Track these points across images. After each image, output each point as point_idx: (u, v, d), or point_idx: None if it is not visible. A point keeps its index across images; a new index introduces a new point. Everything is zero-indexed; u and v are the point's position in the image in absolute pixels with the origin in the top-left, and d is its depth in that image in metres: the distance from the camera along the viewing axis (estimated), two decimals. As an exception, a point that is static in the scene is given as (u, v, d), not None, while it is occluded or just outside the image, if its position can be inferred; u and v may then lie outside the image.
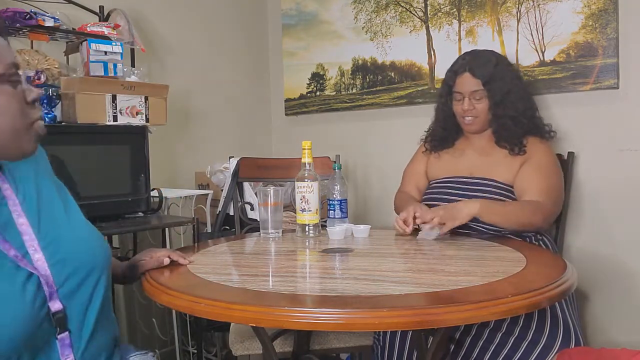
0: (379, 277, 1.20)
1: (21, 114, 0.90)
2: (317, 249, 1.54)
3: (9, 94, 0.89)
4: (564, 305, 1.56)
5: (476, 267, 1.26)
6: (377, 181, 2.64)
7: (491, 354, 1.48)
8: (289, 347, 1.67)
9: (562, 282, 1.11)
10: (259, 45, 3.06)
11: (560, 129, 2.03)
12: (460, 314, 0.95)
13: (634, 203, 1.94)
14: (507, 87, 1.80)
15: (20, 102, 0.91)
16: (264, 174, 2.34)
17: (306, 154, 1.70)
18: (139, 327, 2.36)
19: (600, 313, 2.03)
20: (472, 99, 1.82)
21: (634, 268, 1.95)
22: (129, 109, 1.98)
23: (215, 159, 2.54)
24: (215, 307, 1.02)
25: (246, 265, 1.41)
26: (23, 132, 0.91)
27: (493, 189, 1.76)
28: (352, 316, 0.95)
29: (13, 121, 0.89)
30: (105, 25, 2.08)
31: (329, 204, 1.79)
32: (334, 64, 2.75)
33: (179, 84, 2.50)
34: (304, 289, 1.19)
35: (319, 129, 2.84)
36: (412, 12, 2.47)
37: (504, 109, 1.80)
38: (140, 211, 2.00)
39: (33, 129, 0.93)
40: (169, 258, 1.32)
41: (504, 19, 2.18)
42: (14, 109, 0.89)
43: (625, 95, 1.94)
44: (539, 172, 1.75)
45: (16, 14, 1.83)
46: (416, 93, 2.47)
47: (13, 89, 0.90)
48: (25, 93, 0.92)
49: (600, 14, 1.95)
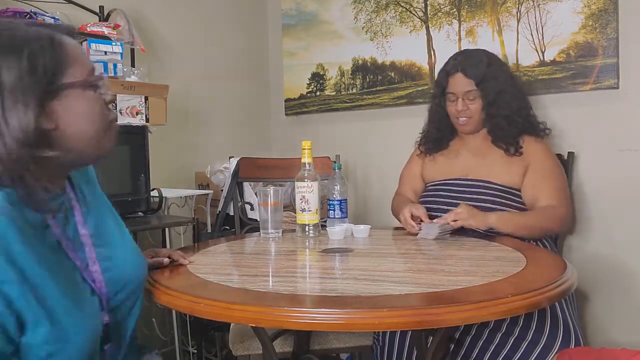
0: (379, 277, 1.20)
1: (102, 116, 0.93)
2: (317, 249, 1.54)
3: (91, 98, 0.91)
4: (564, 305, 1.56)
5: (476, 267, 1.26)
6: (377, 181, 2.64)
7: (491, 354, 1.48)
8: (289, 347, 1.67)
9: (562, 282, 1.11)
10: (259, 45, 3.06)
11: (561, 129, 2.03)
12: (460, 314, 0.95)
13: (634, 203, 1.94)
14: (500, 87, 1.80)
15: (101, 105, 0.93)
16: (264, 174, 2.34)
17: (306, 154, 1.70)
18: (139, 327, 2.35)
19: (600, 313, 2.03)
20: (466, 99, 1.82)
21: (634, 268, 1.95)
22: (129, 109, 1.98)
23: (215, 159, 2.54)
24: (215, 307, 1.02)
25: (246, 265, 1.41)
26: (103, 133, 0.94)
27: (489, 190, 1.76)
28: (352, 316, 0.95)
29: (96, 124, 0.92)
30: (105, 25, 2.09)
31: (329, 204, 1.79)
32: (334, 64, 2.75)
33: (179, 84, 2.50)
34: (304, 289, 1.19)
35: (319, 129, 2.84)
36: (412, 12, 2.47)
37: (497, 109, 1.80)
38: (140, 211, 2.00)
39: (111, 129, 0.96)
40: (169, 258, 1.32)
41: (504, 19, 2.18)
42: (96, 112, 0.92)
43: (625, 95, 1.94)
44: (545, 177, 1.76)
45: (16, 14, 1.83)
46: (416, 93, 2.47)
47: (94, 93, 0.92)
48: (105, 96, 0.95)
49: (600, 14, 1.95)
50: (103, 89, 0.94)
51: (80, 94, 0.89)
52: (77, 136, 0.89)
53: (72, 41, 0.92)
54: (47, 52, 0.86)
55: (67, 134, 0.88)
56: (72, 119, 0.88)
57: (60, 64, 0.87)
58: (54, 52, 0.87)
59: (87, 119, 0.90)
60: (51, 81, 0.85)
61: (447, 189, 1.83)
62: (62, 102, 0.87)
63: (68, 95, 0.88)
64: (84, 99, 0.90)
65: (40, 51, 0.85)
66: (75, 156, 0.92)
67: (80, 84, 0.89)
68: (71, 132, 0.88)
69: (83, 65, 0.91)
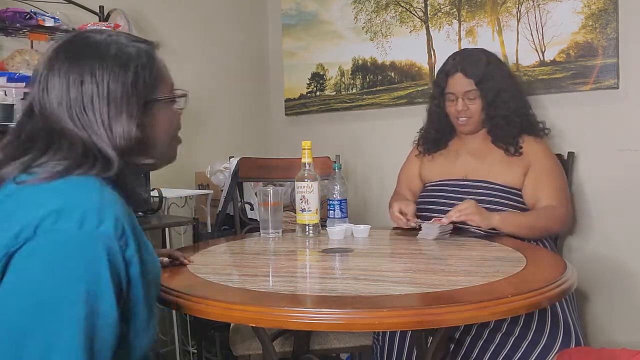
0: (379, 277, 1.20)
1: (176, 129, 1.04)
2: (317, 249, 1.54)
3: (172, 111, 1.01)
4: (565, 305, 1.56)
5: (476, 267, 1.26)
6: (377, 181, 2.64)
7: (491, 354, 1.48)
8: (289, 347, 1.67)
9: (562, 282, 1.11)
10: (259, 45, 3.06)
11: (560, 129, 2.03)
12: (460, 314, 0.95)
13: (634, 203, 1.94)
14: (499, 86, 1.80)
15: (178, 118, 1.04)
16: (264, 174, 2.34)
17: (306, 154, 1.70)
18: (139, 327, 2.35)
19: (600, 313, 2.03)
20: (466, 99, 1.81)
21: (634, 268, 1.95)
22: (129, 109, 1.98)
23: (215, 159, 2.54)
24: (215, 307, 1.02)
25: (246, 265, 1.41)
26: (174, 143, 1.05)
27: (489, 191, 1.75)
28: (352, 316, 0.95)
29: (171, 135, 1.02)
30: (105, 25, 2.09)
31: (329, 204, 1.79)
32: (334, 64, 2.75)
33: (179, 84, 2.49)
34: (304, 289, 1.19)
35: (319, 129, 2.84)
36: (412, 12, 2.47)
37: (496, 109, 1.80)
38: (140, 211, 2.00)
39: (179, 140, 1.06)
40: (168, 258, 1.33)
41: (504, 19, 2.18)
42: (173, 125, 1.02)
43: (625, 95, 1.94)
44: (545, 177, 1.76)
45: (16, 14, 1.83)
46: (416, 93, 2.47)
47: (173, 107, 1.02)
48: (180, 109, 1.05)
49: (600, 14, 1.95)
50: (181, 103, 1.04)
51: (165, 108, 0.99)
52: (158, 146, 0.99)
53: (160, 57, 1.01)
54: (148, 68, 0.94)
55: (152, 144, 0.97)
56: (157, 130, 0.98)
57: (156, 80, 0.96)
58: (152, 68, 0.96)
59: (167, 131, 1.00)
60: (148, 95, 0.94)
61: (447, 189, 1.83)
62: (153, 114, 0.96)
63: (157, 108, 0.97)
64: (166, 112, 0.99)
65: (142, 67, 0.93)
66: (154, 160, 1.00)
67: (168, 99, 0.99)
68: (155, 142, 0.98)
69: (169, 80, 1.02)
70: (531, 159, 1.78)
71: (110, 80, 0.89)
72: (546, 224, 1.71)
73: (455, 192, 1.80)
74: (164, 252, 1.35)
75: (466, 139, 1.91)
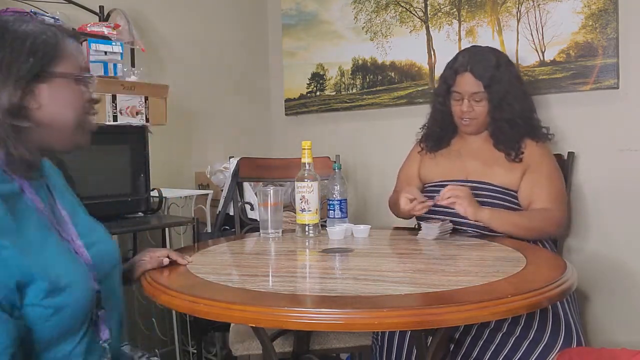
0: (379, 277, 1.20)
1: (82, 110, 1.07)
2: (317, 249, 1.54)
3: (77, 91, 1.06)
4: (566, 304, 1.56)
5: (476, 267, 1.26)
6: (377, 181, 2.64)
7: (491, 353, 1.48)
8: (289, 347, 1.67)
9: (562, 282, 1.11)
10: (259, 45, 3.06)
11: (561, 129, 2.02)
12: (460, 314, 0.95)
13: (634, 203, 1.94)
14: (506, 89, 1.77)
15: (85, 100, 1.07)
16: (264, 174, 2.34)
17: (306, 154, 1.70)
18: (139, 327, 2.36)
19: (600, 313, 2.03)
20: (472, 100, 1.79)
21: (634, 268, 1.95)
22: (129, 109, 1.98)
23: (215, 159, 2.54)
24: (215, 307, 1.02)
25: (246, 265, 1.41)
26: (79, 126, 1.07)
27: (490, 192, 1.75)
28: (352, 316, 0.95)
29: (78, 114, 1.06)
30: (105, 25, 2.09)
31: (328, 204, 1.79)
32: (334, 64, 2.75)
33: (179, 84, 2.49)
34: (304, 289, 1.19)
35: (319, 129, 2.84)
36: (412, 12, 2.47)
37: (501, 112, 1.78)
38: (140, 211, 2.00)
39: (88, 125, 1.09)
40: (168, 258, 1.33)
41: (504, 19, 2.18)
42: (77, 104, 1.06)
43: (625, 95, 1.94)
44: (543, 179, 1.74)
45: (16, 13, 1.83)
46: (416, 93, 2.47)
47: (82, 88, 1.07)
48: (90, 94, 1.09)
49: (600, 14, 1.95)
50: (91, 88, 1.09)
51: (68, 85, 1.04)
52: (55, 119, 1.03)
53: (74, 42, 1.07)
54: (48, 44, 1.01)
55: (47, 115, 1.01)
56: (55, 103, 1.02)
57: (55, 56, 1.02)
58: (53, 45, 1.02)
59: (68, 107, 1.04)
60: (44, 68, 1.00)
61: None
62: (51, 87, 1.01)
63: (57, 83, 1.02)
64: (69, 90, 1.04)
65: (41, 42, 1.00)
66: (50, 137, 1.04)
67: (69, 76, 1.03)
68: (51, 114, 1.02)
69: (77, 62, 1.06)
70: (530, 162, 1.77)
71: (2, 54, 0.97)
72: (540, 225, 1.69)
73: None
74: (162, 252, 1.35)
75: (468, 139, 1.89)
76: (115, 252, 1.17)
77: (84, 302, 0.98)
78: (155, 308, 2.35)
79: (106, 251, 1.13)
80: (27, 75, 0.98)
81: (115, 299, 1.13)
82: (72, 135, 1.06)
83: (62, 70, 1.03)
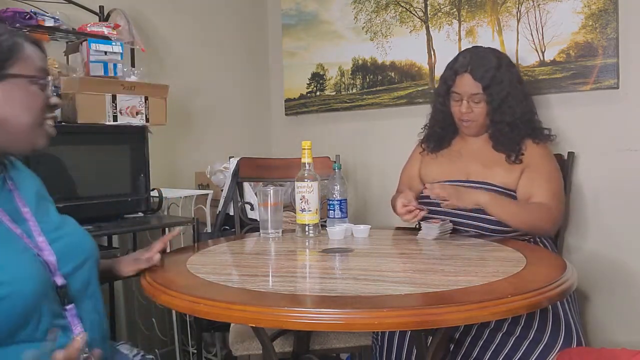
0: (379, 277, 1.20)
1: (41, 113, 1.07)
2: (317, 249, 1.54)
3: (35, 94, 1.06)
4: (566, 304, 1.56)
5: (476, 267, 1.26)
6: (377, 181, 2.64)
7: (491, 353, 1.48)
8: (289, 347, 1.67)
9: (562, 282, 1.11)
10: (259, 45, 3.06)
11: (561, 129, 2.02)
12: (460, 314, 0.95)
13: (634, 203, 1.94)
14: (506, 91, 1.76)
15: (43, 103, 1.08)
16: (264, 174, 2.34)
17: (306, 154, 1.70)
18: (139, 327, 2.36)
19: (600, 313, 2.03)
20: (471, 101, 1.78)
21: (634, 268, 1.95)
22: (129, 109, 1.98)
23: (215, 159, 2.54)
24: (215, 307, 1.02)
25: (246, 265, 1.41)
26: (38, 127, 1.07)
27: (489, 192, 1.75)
28: (352, 316, 0.95)
29: (33, 117, 1.06)
30: (105, 25, 2.09)
31: (328, 204, 1.79)
32: (334, 64, 2.75)
33: (179, 84, 2.50)
34: (304, 289, 1.19)
35: (319, 129, 2.84)
36: (412, 12, 2.47)
37: (501, 115, 1.77)
38: (140, 211, 2.00)
39: (46, 127, 1.10)
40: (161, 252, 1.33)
41: (504, 19, 2.18)
42: (36, 107, 1.06)
43: (625, 95, 1.94)
44: (543, 177, 1.73)
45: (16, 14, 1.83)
46: (416, 93, 2.47)
47: (40, 91, 1.07)
48: (49, 99, 1.10)
49: (600, 14, 1.95)
50: (48, 91, 1.10)
51: (23, 86, 1.05)
52: (7, 120, 1.04)
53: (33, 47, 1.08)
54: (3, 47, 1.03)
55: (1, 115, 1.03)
56: (8, 104, 1.03)
57: (9, 58, 1.03)
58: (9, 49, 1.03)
59: (23, 109, 1.05)
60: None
61: None
62: (5, 88, 1.03)
63: (10, 83, 1.03)
64: (24, 92, 1.05)
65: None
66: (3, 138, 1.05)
67: (22, 77, 1.04)
68: (3, 114, 1.03)
69: (34, 65, 1.06)
70: (530, 161, 1.77)
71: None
72: (536, 219, 1.67)
73: None
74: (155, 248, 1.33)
75: (469, 139, 1.89)
76: (87, 244, 1.18)
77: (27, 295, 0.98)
78: (155, 308, 2.35)
79: (75, 244, 1.13)
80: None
81: (91, 292, 1.14)
82: (26, 138, 1.07)
83: (16, 72, 1.03)
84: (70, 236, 1.14)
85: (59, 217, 1.18)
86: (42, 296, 1.00)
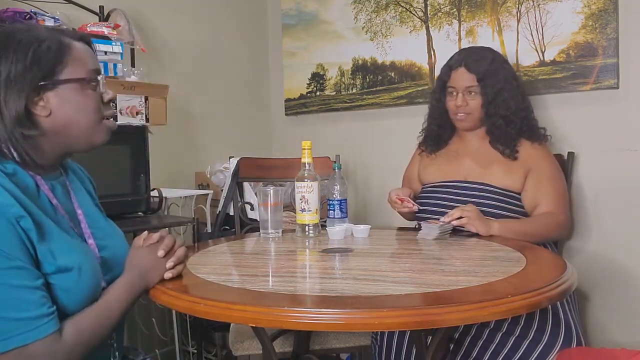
0: (379, 277, 1.20)
1: (97, 111, 1.09)
2: (317, 249, 1.54)
3: (90, 95, 1.07)
4: (566, 304, 1.56)
5: (476, 267, 1.26)
6: (377, 181, 2.64)
7: (491, 353, 1.48)
8: (289, 347, 1.67)
9: (562, 282, 1.11)
10: (259, 45, 3.06)
11: (561, 129, 2.03)
12: (460, 314, 0.95)
13: (634, 203, 1.94)
14: (501, 85, 1.78)
15: (98, 102, 1.09)
16: (264, 174, 2.34)
17: (306, 154, 1.70)
18: (139, 327, 2.36)
19: (600, 313, 2.03)
20: (466, 94, 1.80)
21: (634, 268, 1.95)
22: (129, 109, 1.98)
23: (215, 159, 2.54)
24: (215, 307, 1.02)
25: (246, 265, 1.41)
26: (96, 126, 1.09)
27: (488, 193, 1.75)
28: (352, 316, 0.95)
29: (91, 118, 1.08)
30: (105, 25, 2.09)
31: (328, 204, 1.79)
32: (334, 64, 2.75)
33: (179, 84, 2.50)
34: (304, 289, 1.19)
35: (319, 129, 2.84)
36: (412, 12, 2.47)
37: (495, 107, 1.78)
38: (140, 211, 2.00)
39: (105, 124, 1.11)
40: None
41: (504, 19, 2.18)
42: (93, 107, 1.08)
43: (625, 95, 1.94)
44: (546, 182, 1.75)
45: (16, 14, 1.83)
46: (416, 93, 2.47)
47: (92, 91, 1.08)
48: (103, 95, 1.11)
49: (600, 14, 1.95)
50: (103, 89, 1.10)
51: (76, 90, 1.05)
52: (67, 124, 1.05)
53: (81, 46, 1.08)
54: (52, 52, 1.02)
55: (58, 121, 1.04)
56: (65, 109, 1.04)
57: (59, 63, 1.03)
58: (58, 53, 1.03)
59: (79, 112, 1.06)
60: (48, 76, 1.02)
61: (445, 190, 1.82)
62: (58, 94, 1.03)
63: (64, 89, 1.04)
64: (78, 95, 1.05)
65: (45, 51, 1.01)
66: (65, 141, 1.07)
67: (76, 81, 1.05)
68: (62, 120, 1.04)
69: (84, 66, 1.06)
70: (531, 164, 1.77)
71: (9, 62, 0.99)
72: (545, 231, 1.71)
73: (455, 193, 1.79)
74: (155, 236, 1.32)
75: (466, 138, 1.90)
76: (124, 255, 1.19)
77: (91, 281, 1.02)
78: (155, 308, 2.35)
79: (119, 257, 1.15)
80: (31, 85, 1.00)
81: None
82: (87, 138, 1.09)
83: (67, 77, 1.03)
84: (117, 249, 1.17)
85: (106, 223, 1.21)
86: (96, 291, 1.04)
